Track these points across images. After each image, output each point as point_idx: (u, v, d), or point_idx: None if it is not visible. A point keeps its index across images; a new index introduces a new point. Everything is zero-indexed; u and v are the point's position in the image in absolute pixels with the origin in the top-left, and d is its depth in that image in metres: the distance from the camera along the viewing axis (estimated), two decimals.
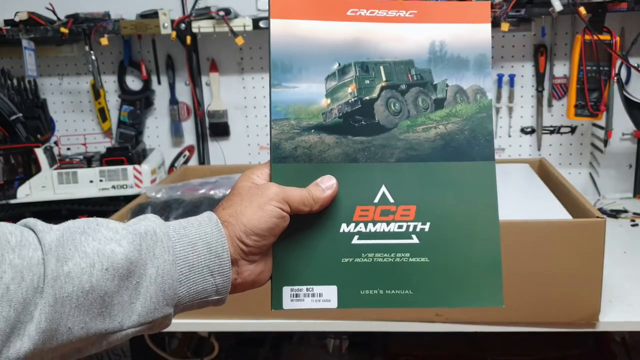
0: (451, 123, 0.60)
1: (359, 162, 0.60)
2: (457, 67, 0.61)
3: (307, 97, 0.60)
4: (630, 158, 1.73)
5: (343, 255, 0.59)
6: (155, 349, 1.52)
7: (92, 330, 0.48)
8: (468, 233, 0.59)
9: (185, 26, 1.63)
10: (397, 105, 0.61)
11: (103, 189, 1.62)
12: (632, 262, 1.30)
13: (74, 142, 1.84)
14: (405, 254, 0.59)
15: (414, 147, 0.60)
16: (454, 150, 0.60)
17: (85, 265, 0.47)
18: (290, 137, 0.60)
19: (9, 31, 1.65)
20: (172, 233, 0.53)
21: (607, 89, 1.50)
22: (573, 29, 1.66)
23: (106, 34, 1.64)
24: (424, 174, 0.60)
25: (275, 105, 0.60)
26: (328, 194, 0.58)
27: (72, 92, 1.86)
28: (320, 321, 1.17)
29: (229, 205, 0.56)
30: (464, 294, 0.60)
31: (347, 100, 0.61)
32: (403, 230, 0.59)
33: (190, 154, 1.85)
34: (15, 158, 1.61)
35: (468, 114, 0.61)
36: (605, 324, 1.09)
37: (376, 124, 0.61)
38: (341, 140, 0.60)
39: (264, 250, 0.57)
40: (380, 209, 0.59)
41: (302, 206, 0.57)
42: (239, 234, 0.55)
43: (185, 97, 1.83)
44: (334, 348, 1.61)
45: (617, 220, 1.54)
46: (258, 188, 0.57)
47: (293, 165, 0.59)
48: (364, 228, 0.59)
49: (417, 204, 0.59)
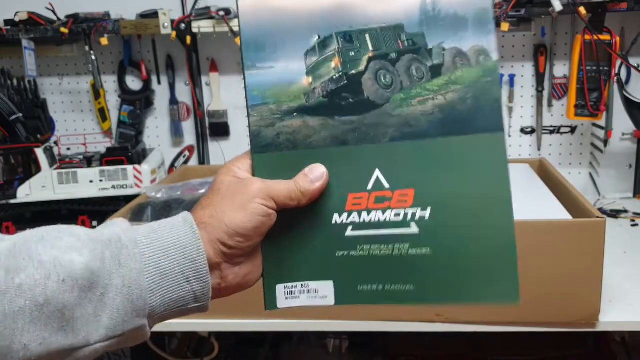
0: (451, 92, 0.52)
1: (349, 144, 0.54)
2: (455, 27, 0.52)
3: (285, 77, 0.54)
4: (630, 158, 1.73)
5: (337, 248, 0.54)
6: (155, 349, 1.52)
7: (54, 347, 0.44)
8: (475, 218, 0.52)
9: (185, 26, 1.63)
10: (387, 77, 0.54)
11: (103, 189, 1.62)
12: (632, 262, 1.30)
13: (74, 142, 1.84)
14: (404, 245, 0.53)
15: (410, 123, 0.53)
16: (455, 123, 0.52)
17: (40, 277, 0.43)
18: (271, 123, 0.54)
19: (9, 31, 1.65)
20: (140, 238, 0.48)
21: (607, 89, 1.50)
22: (573, 29, 1.66)
23: (106, 34, 1.64)
24: (422, 153, 0.53)
25: (252, 89, 0.55)
26: (317, 186, 0.53)
27: (72, 92, 1.86)
28: (320, 321, 1.17)
29: (209, 205, 0.51)
30: (472, 288, 0.53)
31: (330, 76, 0.54)
32: (400, 218, 0.53)
33: (190, 154, 1.85)
34: (15, 158, 1.61)
35: (470, 80, 0.52)
36: (605, 324, 1.09)
37: (365, 100, 0.54)
38: (327, 122, 0.54)
39: (249, 252, 0.52)
40: (375, 195, 0.53)
41: (289, 201, 0.52)
42: (220, 236, 0.50)
43: (185, 97, 1.83)
44: (334, 348, 1.61)
45: (617, 220, 1.54)
46: (240, 184, 0.52)
47: (276, 155, 0.54)
48: (357, 218, 0.54)
49: (415, 187, 0.53)
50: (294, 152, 0.54)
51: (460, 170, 0.52)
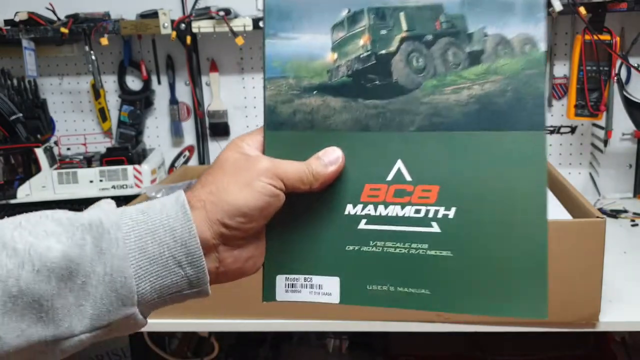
0: (490, 82, 0.48)
1: (371, 130, 0.49)
2: (500, 11, 0.47)
3: (309, 51, 0.50)
4: (630, 158, 1.73)
5: (348, 241, 0.50)
6: (155, 349, 1.52)
7: (34, 338, 0.41)
8: (505, 223, 0.47)
9: (185, 26, 1.63)
10: (420, 61, 0.49)
11: (103, 189, 1.62)
12: (632, 262, 1.30)
13: (74, 142, 1.84)
14: (423, 245, 0.49)
15: (441, 113, 0.48)
16: (492, 117, 0.47)
17: (13, 266, 0.40)
18: (288, 99, 0.51)
19: (9, 31, 1.65)
20: (126, 221, 0.44)
21: (607, 89, 1.50)
22: (573, 29, 1.66)
23: (106, 34, 1.64)
24: (452, 147, 0.48)
25: (271, 60, 0.50)
26: (331, 170, 0.49)
27: (72, 92, 1.86)
28: (320, 321, 1.17)
29: (210, 182, 0.47)
30: (495, 300, 0.48)
31: (358, 55, 0.50)
32: (421, 215, 0.49)
33: (190, 154, 1.85)
34: (15, 158, 1.61)
35: (512, 71, 0.47)
36: (605, 324, 1.09)
37: (394, 84, 0.49)
38: (350, 104, 0.50)
39: (251, 234, 0.48)
40: (394, 188, 0.49)
41: (299, 183, 0.48)
42: (220, 215, 0.46)
43: (185, 97, 1.83)
44: (334, 348, 1.61)
45: (617, 220, 1.54)
46: (246, 160, 0.48)
47: (291, 133, 0.50)
48: (373, 211, 0.49)
49: (440, 184, 0.48)
50: (310, 132, 0.50)
51: (493, 170, 0.47)
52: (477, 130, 0.48)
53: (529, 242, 0.47)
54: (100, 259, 0.43)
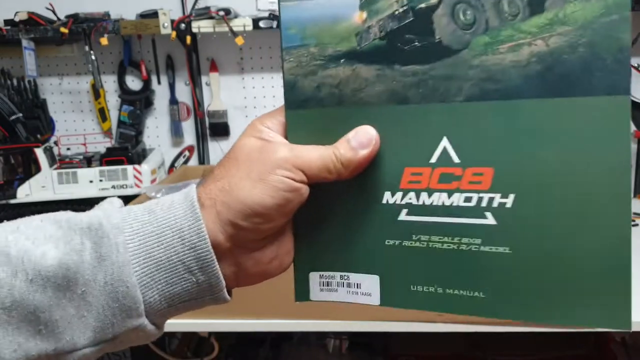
0: (556, 35, 0.38)
1: (410, 103, 0.41)
2: None
3: (332, 12, 0.42)
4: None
5: (387, 235, 0.43)
6: (155, 349, 1.52)
7: (33, 353, 0.38)
8: (578, 214, 0.38)
9: (185, 26, 1.63)
10: (468, 14, 0.40)
11: (103, 189, 1.62)
12: (632, 262, 1.30)
13: (74, 142, 1.84)
14: (475, 240, 0.41)
15: (495, 77, 0.39)
16: (560, 80, 0.38)
17: (5, 275, 0.37)
18: (311, 71, 0.43)
19: (9, 31, 1.65)
20: (130, 222, 0.40)
21: None
22: None
23: (106, 33, 1.64)
24: (509, 119, 0.39)
25: (287, 26, 0.43)
26: (363, 155, 0.41)
27: (72, 92, 1.86)
28: (320, 321, 1.17)
29: (222, 175, 0.42)
30: (567, 306, 0.39)
31: (392, 11, 0.41)
32: (473, 204, 0.41)
33: (190, 154, 1.85)
34: (15, 158, 1.61)
35: (585, 19, 0.37)
36: None
37: (437, 44, 0.40)
38: (385, 72, 0.42)
39: (272, 234, 0.43)
40: (440, 171, 0.41)
41: (325, 173, 0.41)
42: (232, 216, 0.40)
43: (185, 97, 1.83)
44: (334, 348, 1.61)
45: None
46: (261, 150, 0.41)
47: (316, 111, 0.43)
48: (415, 199, 0.42)
49: (495, 165, 0.40)
50: (339, 109, 0.42)
51: (562, 147, 0.38)
52: (542, 98, 0.38)
53: (608, 236, 0.38)
54: (101, 267, 0.39)
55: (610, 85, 0.37)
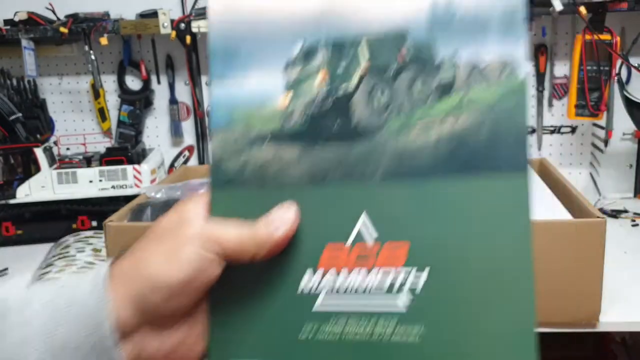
0: (463, 117, 0.40)
1: (330, 182, 0.42)
2: (473, 32, 0.40)
3: (259, 95, 0.44)
4: (630, 158, 1.72)
5: (301, 328, 0.41)
6: None
7: None
8: (488, 287, 0.39)
9: (185, 26, 1.63)
10: (384, 97, 0.42)
11: (103, 189, 1.61)
12: (632, 262, 1.30)
13: (74, 142, 1.84)
14: (388, 326, 0.40)
15: (408, 157, 0.41)
16: (467, 158, 0.40)
17: None
18: (236, 152, 0.44)
19: (8, 31, 1.65)
20: (37, 298, 0.38)
21: (607, 88, 1.50)
22: (573, 28, 1.66)
23: (106, 33, 1.64)
24: (422, 197, 0.40)
25: (217, 107, 0.44)
26: (279, 236, 0.40)
27: (72, 92, 1.85)
28: None
29: (136, 249, 0.40)
30: None
31: (314, 96, 0.43)
32: (387, 283, 0.40)
33: (190, 154, 1.85)
34: (14, 158, 1.61)
35: (489, 102, 0.40)
36: (605, 324, 1.09)
37: (355, 127, 0.42)
38: (306, 154, 0.43)
39: (180, 313, 0.40)
40: (358, 248, 0.41)
41: (239, 253, 0.39)
42: (138, 290, 0.38)
43: (185, 97, 1.82)
44: None
45: (617, 220, 1.54)
46: (177, 224, 0.40)
47: (239, 193, 0.43)
48: (332, 280, 0.41)
49: (411, 239, 0.40)
50: (261, 190, 0.43)
51: (471, 221, 0.39)
52: (451, 175, 0.40)
53: (515, 311, 0.38)
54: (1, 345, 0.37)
55: (512, 162, 0.39)
